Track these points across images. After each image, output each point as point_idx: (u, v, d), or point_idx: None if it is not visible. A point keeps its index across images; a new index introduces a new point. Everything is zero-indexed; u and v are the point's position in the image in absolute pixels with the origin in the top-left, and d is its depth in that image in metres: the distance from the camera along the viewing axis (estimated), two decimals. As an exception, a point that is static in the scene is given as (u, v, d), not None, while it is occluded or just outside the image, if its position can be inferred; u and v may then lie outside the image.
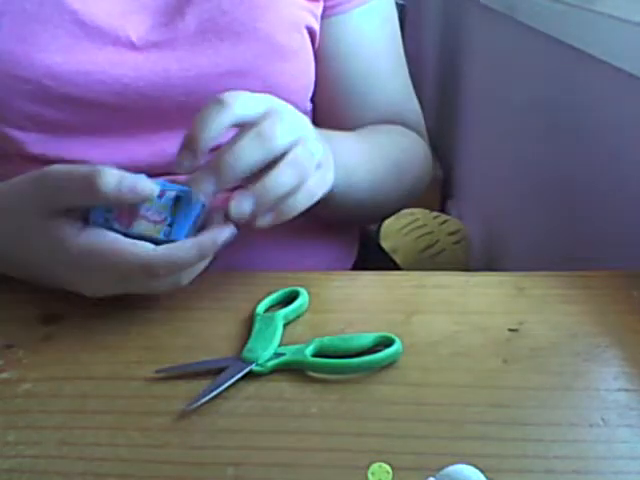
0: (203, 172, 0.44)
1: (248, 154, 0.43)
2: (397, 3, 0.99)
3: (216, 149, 0.45)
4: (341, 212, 0.60)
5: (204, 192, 0.44)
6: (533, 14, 1.02)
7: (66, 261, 0.45)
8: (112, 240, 0.44)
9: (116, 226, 0.45)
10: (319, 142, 0.49)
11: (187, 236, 0.45)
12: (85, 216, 0.45)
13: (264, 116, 0.45)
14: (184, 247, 0.44)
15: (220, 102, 0.44)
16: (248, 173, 0.44)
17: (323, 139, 0.51)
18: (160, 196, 0.45)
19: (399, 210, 0.73)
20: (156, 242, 0.44)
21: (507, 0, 1.15)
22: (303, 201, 0.47)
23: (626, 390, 0.40)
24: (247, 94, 0.45)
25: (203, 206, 0.45)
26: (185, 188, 0.45)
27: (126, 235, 0.45)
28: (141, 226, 0.45)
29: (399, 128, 0.70)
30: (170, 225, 0.45)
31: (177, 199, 0.45)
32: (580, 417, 0.38)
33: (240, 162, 0.43)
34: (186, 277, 0.47)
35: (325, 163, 0.50)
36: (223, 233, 0.45)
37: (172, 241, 0.44)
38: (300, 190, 0.46)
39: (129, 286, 0.46)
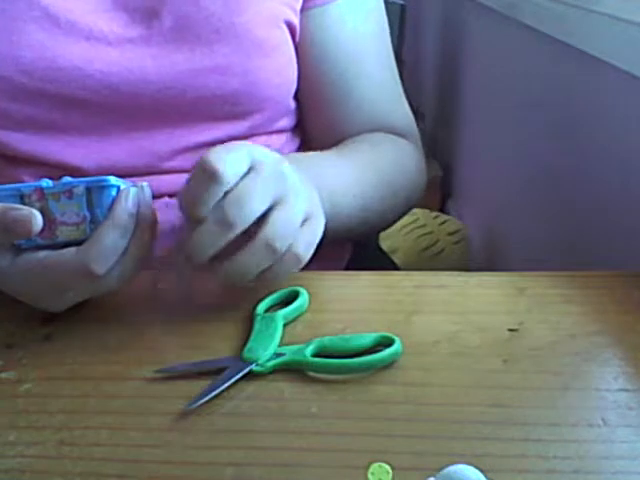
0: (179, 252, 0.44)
1: (213, 236, 0.42)
2: (397, 3, 0.99)
3: None
4: (329, 237, 0.52)
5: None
6: (533, 14, 1.02)
7: (13, 289, 0.46)
8: (41, 258, 0.44)
9: (41, 242, 0.44)
10: (302, 191, 0.46)
11: None
12: (13, 244, 0.44)
13: (243, 178, 0.43)
14: (102, 231, 0.43)
15: (211, 175, 0.41)
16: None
17: (305, 172, 0.48)
18: (69, 197, 0.44)
19: (398, 220, 0.70)
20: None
21: (507, 0, 1.15)
22: (288, 266, 0.45)
23: (626, 390, 0.40)
24: (231, 156, 0.42)
25: (118, 188, 0.44)
26: (90, 179, 0.44)
27: (55, 246, 0.44)
28: (64, 233, 0.44)
29: (388, 137, 0.67)
30: (92, 221, 0.44)
31: (88, 191, 0.44)
32: (580, 417, 0.38)
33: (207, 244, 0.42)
34: (129, 262, 0.44)
35: (314, 212, 0.47)
36: (128, 194, 0.44)
37: None
38: (283, 258, 0.44)
39: (81, 294, 0.46)
